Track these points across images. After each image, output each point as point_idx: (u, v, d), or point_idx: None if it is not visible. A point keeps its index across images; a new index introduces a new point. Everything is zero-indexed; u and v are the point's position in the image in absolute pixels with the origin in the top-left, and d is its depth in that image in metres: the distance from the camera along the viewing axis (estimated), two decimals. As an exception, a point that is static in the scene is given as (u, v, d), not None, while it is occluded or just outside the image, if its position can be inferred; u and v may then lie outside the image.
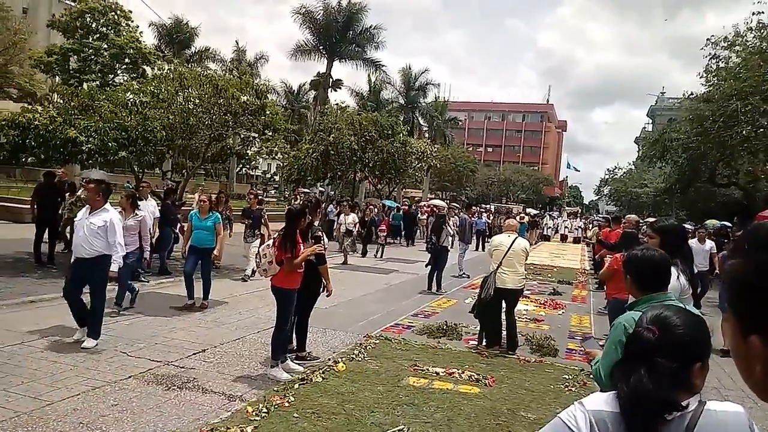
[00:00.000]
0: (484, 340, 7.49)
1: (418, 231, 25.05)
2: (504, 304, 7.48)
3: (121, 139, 10.27)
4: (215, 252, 8.79)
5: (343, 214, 16.62)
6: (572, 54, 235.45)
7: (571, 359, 7.26)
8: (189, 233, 8.81)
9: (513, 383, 6.06)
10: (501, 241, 7.58)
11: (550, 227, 36.44)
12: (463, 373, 6.22)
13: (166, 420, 4.55)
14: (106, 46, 31.49)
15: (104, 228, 6.16)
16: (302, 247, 5.73)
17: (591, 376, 3.33)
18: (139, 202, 9.91)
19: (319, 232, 6.22)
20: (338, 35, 37.88)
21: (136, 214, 8.05)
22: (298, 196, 22.65)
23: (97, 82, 23.96)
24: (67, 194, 11.50)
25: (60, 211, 11.18)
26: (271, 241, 5.85)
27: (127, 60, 28.81)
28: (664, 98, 72.25)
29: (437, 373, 6.16)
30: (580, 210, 55.02)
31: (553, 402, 5.55)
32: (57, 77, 30.75)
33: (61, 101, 11.78)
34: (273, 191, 54.99)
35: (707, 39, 19.94)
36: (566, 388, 6.00)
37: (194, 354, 6.31)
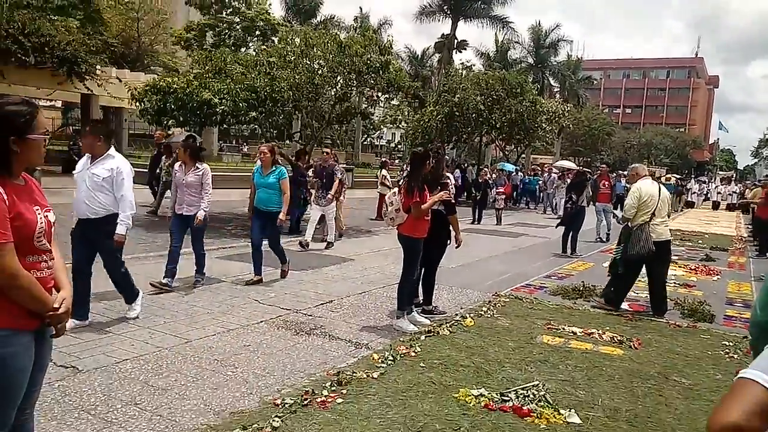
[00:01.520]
0: (602, 300, 6.96)
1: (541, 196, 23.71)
2: (651, 262, 6.74)
3: (251, 99, 10.62)
4: (281, 216, 7.15)
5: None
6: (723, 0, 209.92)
7: (731, 325, 6.41)
8: (252, 193, 7.31)
9: (662, 347, 5.44)
10: (650, 191, 6.79)
11: (695, 193, 33.17)
12: (603, 334, 5.69)
13: (295, 361, 4.58)
14: (238, 19, 33.06)
15: (110, 179, 4.89)
16: (428, 195, 5.48)
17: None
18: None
19: (447, 179, 5.94)
20: (463, -8, 36.66)
21: (197, 168, 6.54)
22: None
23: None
24: (163, 157, 12.08)
25: (159, 175, 11.83)
26: (396, 189, 5.67)
27: (257, 32, 29.97)
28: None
29: (574, 333, 5.69)
30: (734, 175, 49.44)
31: (712, 368, 4.89)
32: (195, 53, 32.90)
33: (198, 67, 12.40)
34: (397, 161, 55.61)
35: None
36: (726, 354, 5.28)
37: (322, 304, 6.36)
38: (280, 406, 3.65)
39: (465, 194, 20.81)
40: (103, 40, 26.17)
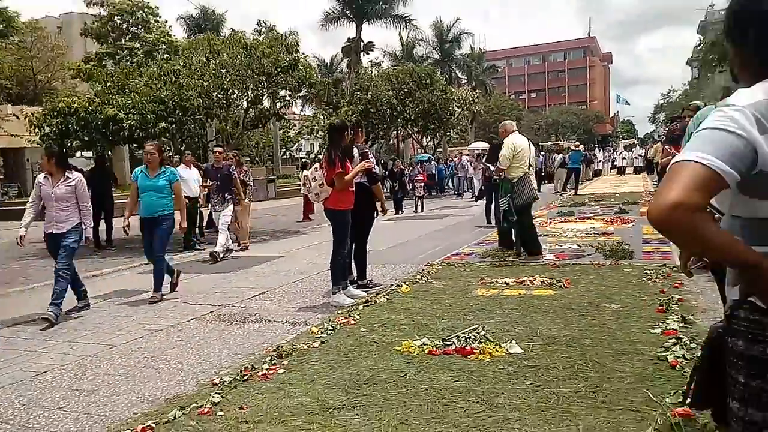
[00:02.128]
0: (520, 248, 7.44)
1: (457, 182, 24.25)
2: None
3: (159, 111, 10.24)
4: (179, 224, 6.36)
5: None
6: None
7: (650, 259, 6.75)
8: (134, 198, 6.33)
9: (590, 283, 5.66)
10: (522, 143, 7.47)
11: (602, 161, 34.97)
12: (534, 280, 5.86)
13: (231, 346, 4.42)
14: (138, 45, 32.02)
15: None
16: (350, 166, 5.45)
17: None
18: (183, 173, 9.87)
19: (366, 149, 5.93)
20: (364, -5, 37.04)
21: (68, 178, 5.60)
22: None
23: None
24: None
25: None
26: (317, 164, 5.60)
27: (160, 56, 29.09)
28: (714, 11, 67.75)
29: (507, 283, 5.83)
30: (635, 142, 52.65)
31: (637, 293, 5.13)
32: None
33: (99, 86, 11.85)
34: (317, 164, 55.15)
35: None
36: (649, 280, 5.56)
37: (254, 296, 6.19)
38: (219, 385, 3.50)
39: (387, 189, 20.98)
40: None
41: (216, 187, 9.14)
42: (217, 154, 9.46)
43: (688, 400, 1.57)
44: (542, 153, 25.70)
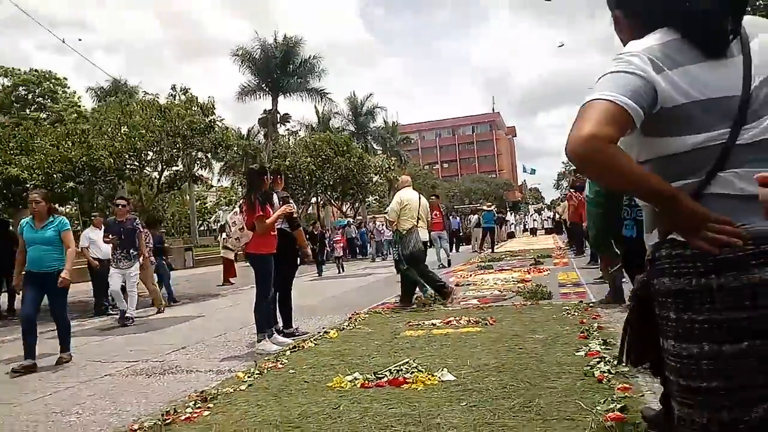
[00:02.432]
0: (427, 292, 7.69)
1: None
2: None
3: (66, 171, 9.80)
4: (63, 275, 5.51)
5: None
6: (508, 65, 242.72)
7: (567, 298, 7.04)
8: (23, 253, 5.65)
9: (514, 320, 5.80)
10: (410, 197, 7.81)
11: (513, 224, 36.61)
12: (460, 320, 5.92)
13: (150, 396, 4.13)
14: (45, 115, 30.83)
15: None
16: (271, 210, 5.41)
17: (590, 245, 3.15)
18: (92, 235, 9.43)
19: (287, 194, 5.91)
20: (279, 70, 37.88)
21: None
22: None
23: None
24: None
25: None
26: (237, 209, 5.51)
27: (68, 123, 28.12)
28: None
29: (434, 324, 5.85)
30: (543, 206, 55.75)
31: (559, 325, 5.29)
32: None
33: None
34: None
35: None
36: (568, 315, 5.77)
37: (173, 351, 5.85)
38: (139, 431, 3.24)
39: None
40: None
41: (119, 243, 8.34)
42: (120, 207, 8.54)
43: (623, 360, 1.61)
44: (457, 216, 26.61)
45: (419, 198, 7.97)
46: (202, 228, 56.05)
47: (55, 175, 9.52)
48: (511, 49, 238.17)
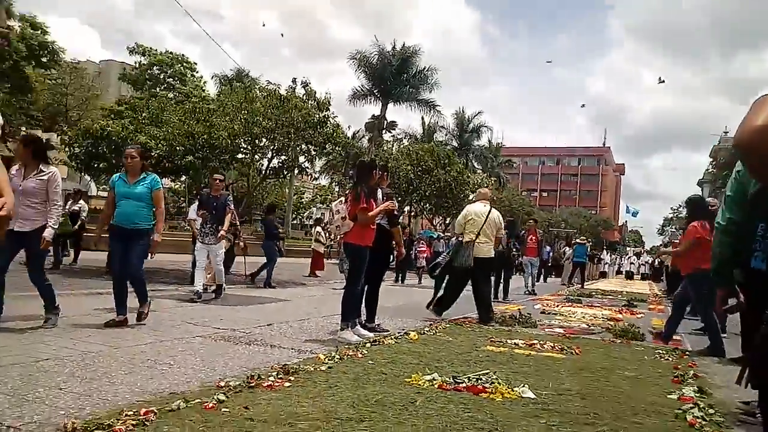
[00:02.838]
0: (433, 302, 7.81)
1: None
2: (475, 276, 7.65)
3: (188, 145, 10.50)
4: (155, 237, 5.58)
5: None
6: (625, 100, 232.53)
7: (659, 343, 6.63)
8: (110, 206, 5.60)
9: (601, 353, 5.56)
10: (477, 210, 7.62)
11: (608, 263, 34.94)
12: (545, 344, 5.76)
13: (236, 360, 4.33)
14: (172, 95, 33.15)
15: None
16: (374, 204, 5.53)
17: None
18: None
19: (390, 192, 6.02)
20: (393, 78, 38.57)
21: (41, 171, 5.01)
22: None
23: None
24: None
25: None
26: (341, 198, 5.68)
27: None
28: (727, 138, 69.54)
29: (516, 344, 5.73)
30: (643, 251, 52.88)
31: (651, 366, 5.03)
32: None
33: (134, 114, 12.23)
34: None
35: None
36: (662, 358, 5.46)
37: (260, 327, 6.10)
38: (225, 387, 3.41)
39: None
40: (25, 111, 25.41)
41: (209, 218, 8.12)
42: (218, 182, 8.32)
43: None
44: (551, 245, 25.81)
45: (488, 212, 7.60)
46: (295, 222, 58.04)
47: (178, 148, 10.24)
48: (628, 83, 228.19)
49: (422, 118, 44.35)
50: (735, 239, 2.58)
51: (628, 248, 54.73)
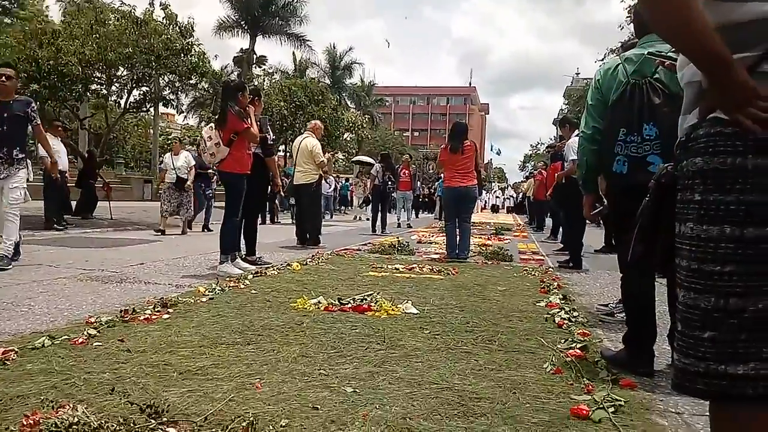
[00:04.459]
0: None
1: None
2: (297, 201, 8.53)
3: (31, 71, 9.31)
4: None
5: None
6: (488, 41, 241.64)
7: (527, 263, 7.17)
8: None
9: (475, 273, 5.89)
10: (294, 143, 8.61)
11: (479, 199, 36.99)
12: (423, 267, 5.99)
13: (107, 299, 4.03)
14: (8, 21, 29.06)
15: None
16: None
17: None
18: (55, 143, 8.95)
19: (265, 116, 5.77)
20: (260, 9, 36.70)
21: None
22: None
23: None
24: None
25: None
26: (212, 124, 5.33)
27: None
28: (579, 79, 74.73)
29: (397, 269, 5.89)
30: (507, 185, 56.48)
31: (520, 281, 5.41)
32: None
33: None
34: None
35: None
36: (528, 274, 5.89)
37: (132, 266, 5.72)
38: (96, 323, 3.16)
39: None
40: None
41: None
42: (2, 79, 5.26)
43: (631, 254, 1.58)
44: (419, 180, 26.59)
45: (300, 142, 8.31)
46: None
47: (20, 75, 9.01)
48: (491, 25, 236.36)
49: (293, 53, 42.99)
50: (599, 147, 2.75)
51: (493, 184, 58.04)
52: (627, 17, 22.67)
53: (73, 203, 10.99)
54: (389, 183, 11.60)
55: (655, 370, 2.68)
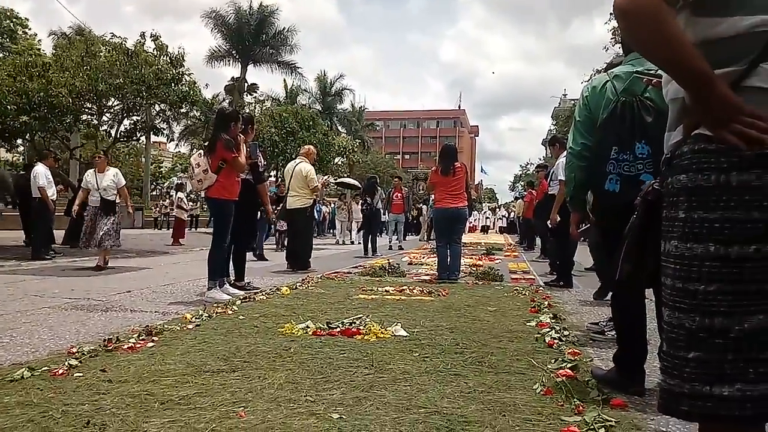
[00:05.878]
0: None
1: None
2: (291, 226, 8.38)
3: (22, 103, 9.30)
4: None
5: None
6: (475, 66, 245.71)
7: (517, 282, 7.14)
8: None
9: (466, 294, 5.85)
10: (287, 168, 8.51)
11: (469, 220, 36.99)
12: (414, 289, 5.95)
13: (91, 327, 3.97)
14: (1, 55, 29.24)
15: None
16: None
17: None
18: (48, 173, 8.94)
19: (256, 143, 5.76)
20: (251, 38, 37.05)
21: None
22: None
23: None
24: None
25: None
26: (201, 151, 5.33)
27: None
28: (566, 100, 75.59)
29: (387, 291, 5.85)
30: (498, 206, 56.61)
31: (511, 300, 5.38)
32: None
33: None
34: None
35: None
36: (519, 294, 5.86)
37: (118, 294, 5.65)
38: (77, 354, 3.09)
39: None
40: None
41: None
42: None
43: (619, 271, 1.55)
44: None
45: (294, 167, 8.24)
46: (154, 192, 54.63)
47: (9, 107, 9.01)
48: (480, 49, 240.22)
49: (284, 80, 43.34)
50: (588, 163, 2.74)
51: (483, 204, 58.19)
52: (611, 39, 23.14)
53: (60, 232, 10.91)
54: (369, 207, 11.64)
55: (646, 388, 2.65)
